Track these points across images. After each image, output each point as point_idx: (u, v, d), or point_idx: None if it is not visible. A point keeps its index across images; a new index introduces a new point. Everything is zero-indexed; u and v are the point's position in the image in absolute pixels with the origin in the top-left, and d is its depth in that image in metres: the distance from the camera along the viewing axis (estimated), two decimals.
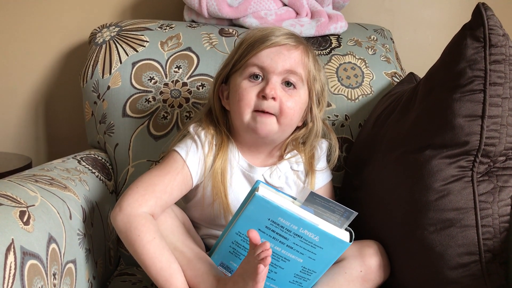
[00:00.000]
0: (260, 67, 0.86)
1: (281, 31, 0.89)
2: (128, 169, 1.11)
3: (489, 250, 0.74)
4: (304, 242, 0.74)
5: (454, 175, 0.77)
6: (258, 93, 0.86)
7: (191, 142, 0.89)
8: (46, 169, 0.90)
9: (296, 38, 0.90)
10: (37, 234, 0.66)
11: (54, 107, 1.44)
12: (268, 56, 0.86)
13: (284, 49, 0.87)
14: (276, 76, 0.86)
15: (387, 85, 1.18)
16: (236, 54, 0.89)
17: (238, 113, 0.87)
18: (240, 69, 0.88)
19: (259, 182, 0.76)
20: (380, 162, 0.90)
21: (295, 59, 0.87)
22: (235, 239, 0.77)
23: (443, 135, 0.78)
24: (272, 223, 0.74)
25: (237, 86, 0.87)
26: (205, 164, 0.88)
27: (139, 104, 1.13)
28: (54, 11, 1.41)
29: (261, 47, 0.86)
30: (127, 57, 1.16)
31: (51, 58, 1.42)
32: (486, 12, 0.77)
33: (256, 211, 0.73)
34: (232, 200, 0.89)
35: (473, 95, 0.76)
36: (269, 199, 0.72)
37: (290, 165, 0.93)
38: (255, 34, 0.89)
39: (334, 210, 0.74)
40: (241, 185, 0.91)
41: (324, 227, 0.74)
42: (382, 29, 1.30)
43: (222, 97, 0.93)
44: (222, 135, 0.91)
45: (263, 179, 0.91)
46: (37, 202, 0.71)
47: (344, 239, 0.74)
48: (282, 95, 0.86)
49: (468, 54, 0.77)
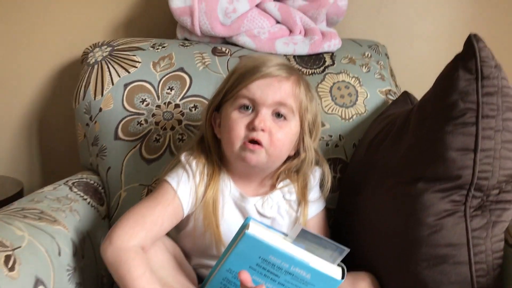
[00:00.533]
0: (250, 99, 0.85)
1: (273, 61, 0.88)
2: (121, 193, 1.10)
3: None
4: (295, 279, 0.73)
5: (446, 209, 0.76)
6: (248, 125, 0.85)
7: (182, 171, 0.88)
8: (36, 200, 0.89)
9: (287, 68, 0.89)
10: (23, 280, 0.65)
11: (47, 127, 1.43)
12: (259, 88, 0.85)
13: (275, 81, 0.86)
14: (266, 108, 0.85)
15: (382, 103, 1.17)
16: (228, 84, 0.88)
17: (228, 143, 0.87)
18: (231, 99, 0.87)
19: (250, 218, 0.75)
20: (373, 190, 0.89)
21: (286, 91, 0.86)
22: (226, 276, 0.76)
23: (435, 168, 0.77)
24: (263, 260, 0.73)
25: (228, 117, 0.87)
26: (197, 194, 0.87)
27: (131, 127, 1.12)
28: (46, 29, 1.39)
29: (251, 78, 0.85)
30: (119, 78, 1.15)
31: (43, 76, 1.41)
32: (478, 43, 0.76)
33: (246, 249, 0.73)
34: (224, 230, 0.88)
35: (466, 128, 0.75)
36: (259, 237, 0.72)
37: (283, 195, 0.92)
38: (247, 64, 0.88)
39: (326, 246, 0.73)
40: (233, 215, 0.90)
41: (316, 264, 0.73)
42: (377, 45, 1.29)
43: (215, 125, 0.92)
44: (213, 165, 0.90)
45: (255, 209, 0.90)
46: (24, 242, 0.71)
47: (336, 276, 0.73)
48: (271, 127, 0.85)
49: (460, 86, 0.76)
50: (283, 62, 0.90)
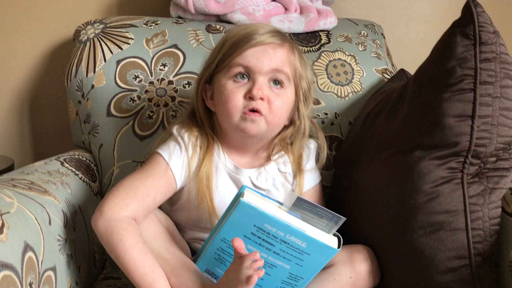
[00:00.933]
0: (245, 67, 0.83)
1: (265, 28, 0.87)
2: (113, 170, 1.09)
3: (479, 254, 0.73)
4: (291, 248, 0.72)
5: (443, 176, 0.75)
6: (245, 94, 0.83)
7: (174, 144, 0.87)
8: (26, 173, 0.87)
9: (281, 35, 0.87)
10: (11, 243, 0.63)
11: (38, 106, 1.41)
12: (254, 56, 0.83)
13: (269, 48, 0.84)
14: (262, 76, 0.84)
15: (378, 82, 1.16)
16: (220, 54, 0.86)
17: (225, 114, 0.85)
18: (224, 69, 0.85)
19: (245, 187, 0.73)
20: (369, 163, 0.88)
21: (281, 58, 0.85)
22: (220, 245, 0.75)
23: (432, 135, 0.76)
24: (258, 229, 0.72)
25: (223, 88, 0.85)
26: (189, 167, 0.86)
27: (124, 104, 1.11)
28: (37, 8, 1.37)
29: (245, 46, 0.83)
30: (112, 55, 1.13)
31: (35, 56, 1.39)
32: (476, 8, 0.75)
33: (241, 217, 0.71)
34: (218, 203, 0.87)
35: (463, 94, 0.74)
36: (254, 205, 0.70)
37: (278, 167, 0.91)
38: (239, 33, 0.86)
39: (321, 215, 0.72)
40: (228, 188, 0.88)
41: (312, 233, 0.72)
42: (373, 25, 1.28)
43: (206, 98, 0.90)
44: (207, 137, 0.89)
45: (249, 181, 0.89)
46: (13, 208, 0.69)
47: (332, 245, 0.72)
48: (269, 95, 0.84)
49: (458, 52, 0.75)
50: (275, 29, 0.89)
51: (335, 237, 0.74)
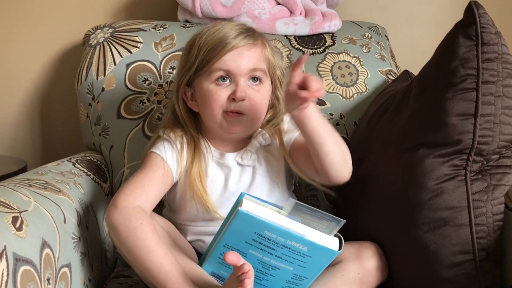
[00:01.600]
0: (225, 70, 0.88)
1: (235, 29, 0.90)
2: (124, 170, 1.11)
3: (483, 249, 0.74)
4: (292, 252, 0.73)
5: (447, 174, 0.77)
6: (229, 96, 0.88)
7: (164, 142, 0.92)
8: (40, 173, 0.90)
9: (252, 34, 0.91)
10: (30, 240, 0.66)
11: (49, 109, 1.44)
12: (232, 59, 0.87)
13: (244, 49, 0.88)
14: (243, 77, 0.88)
15: (382, 83, 1.18)
16: (198, 59, 0.89)
17: (210, 115, 0.90)
18: (205, 74, 0.89)
19: (243, 194, 0.74)
20: (374, 161, 0.90)
21: (257, 56, 0.89)
22: (223, 251, 0.76)
23: (436, 134, 0.78)
24: (258, 236, 0.73)
25: (206, 91, 0.89)
26: (181, 161, 0.90)
27: (133, 106, 1.13)
28: (48, 13, 1.40)
29: (223, 51, 0.87)
30: (121, 58, 1.16)
31: (46, 59, 1.42)
32: (478, 10, 0.77)
33: (241, 226, 0.72)
34: (211, 190, 0.91)
35: (466, 93, 0.76)
36: (253, 213, 0.71)
37: (259, 143, 0.95)
38: (212, 38, 0.89)
39: (321, 217, 0.73)
40: (217, 174, 0.93)
41: (312, 237, 0.72)
42: (377, 27, 1.30)
43: (187, 99, 0.94)
44: (192, 137, 0.93)
45: (235, 162, 0.93)
46: (30, 207, 0.71)
47: (333, 247, 0.73)
48: (250, 93, 0.89)
49: (461, 52, 0.77)
50: (244, 28, 0.91)
51: (336, 238, 0.75)
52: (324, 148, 0.84)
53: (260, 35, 0.94)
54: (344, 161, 0.86)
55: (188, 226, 0.93)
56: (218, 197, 0.91)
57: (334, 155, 0.84)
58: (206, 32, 0.90)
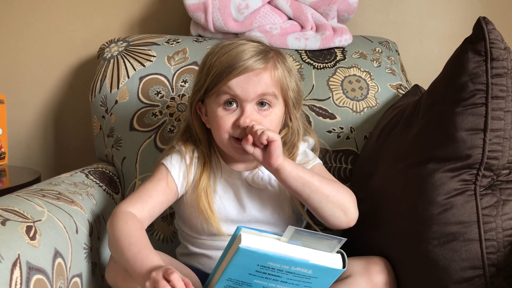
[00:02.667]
0: (232, 95, 0.86)
1: (247, 52, 0.86)
2: (135, 182, 1.13)
3: (493, 264, 0.74)
4: (297, 276, 0.73)
5: (457, 188, 0.77)
6: (234, 122, 0.87)
7: (174, 153, 0.93)
8: (54, 184, 0.91)
9: (263, 56, 0.87)
10: (43, 249, 0.67)
11: (63, 121, 1.46)
12: (238, 85, 0.85)
13: (253, 75, 0.85)
14: (249, 103, 0.86)
15: (393, 97, 1.18)
16: (207, 80, 0.88)
17: (218, 138, 0.90)
18: (213, 96, 0.88)
19: (240, 228, 0.73)
20: (383, 175, 0.90)
21: (266, 82, 0.86)
22: (227, 284, 0.76)
23: (445, 148, 0.78)
24: (262, 267, 0.72)
25: (214, 113, 0.89)
26: (188, 176, 0.91)
27: (146, 118, 1.15)
28: (63, 26, 1.43)
29: (229, 76, 0.85)
30: (135, 71, 1.18)
31: (60, 72, 1.45)
32: (487, 26, 0.78)
33: (243, 261, 0.71)
34: (218, 207, 0.91)
35: (475, 108, 0.76)
36: (254, 248, 0.70)
37: None
38: (221, 62, 0.86)
39: (322, 238, 0.72)
40: (226, 193, 0.93)
41: (316, 259, 0.72)
42: (387, 41, 1.31)
43: (201, 114, 0.94)
44: (203, 153, 0.93)
45: (245, 182, 0.93)
46: (44, 217, 0.73)
47: (337, 265, 0.73)
48: (256, 119, 0.87)
49: (470, 68, 0.77)
50: (257, 49, 0.88)
51: (338, 254, 0.74)
52: (310, 203, 0.85)
53: (273, 56, 0.89)
54: (340, 213, 0.86)
55: (195, 238, 0.94)
56: (225, 214, 0.91)
57: (324, 210, 0.85)
58: (218, 53, 0.89)
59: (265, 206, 0.92)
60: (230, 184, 0.93)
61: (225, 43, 0.90)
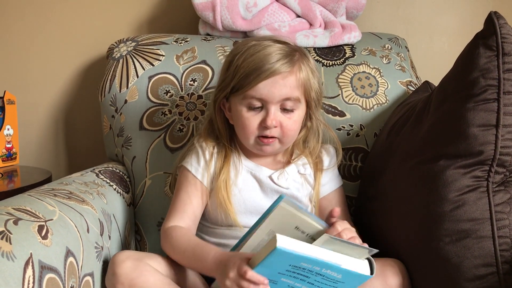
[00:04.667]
0: (258, 98, 0.88)
1: (273, 55, 0.87)
2: (145, 181, 1.13)
3: (506, 262, 0.73)
4: (325, 279, 0.73)
5: (469, 185, 0.76)
6: (260, 123, 0.89)
7: (193, 153, 0.96)
8: (65, 183, 0.92)
9: (289, 59, 0.88)
10: (55, 248, 0.67)
11: (73, 121, 1.47)
12: (265, 88, 0.87)
13: (279, 78, 0.87)
14: (274, 105, 0.89)
15: (403, 94, 1.18)
16: (233, 81, 0.89)
17: (242, 137, 0.93)
18: (239, 96, 0.90)
19: (283, 197, 0.73)
20: (394, 172, 0.89)
21: (291, 85, 0.89)
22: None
23: (457, 145, 0.77)
24: (293, 267, 0.72)
25: (239, 113, 0.91)
26: (208, 170, 0.93)
27: (155, 117, 1.15)
28: (72, 27, 1.44)
29: (257, 80, 0.87)
30: (144, 71, 1.18)
31: (70, 72, 1.46)
32: (498, 20, 0.77)
33: (277, 260, 0.71)
34: (237, 202, 0.93)
35: (487, 104, 0.76)
36: (291, 249, 0.69)
37: (297, 169, 0.97)
38: (248, 63, 0.88)
39: (353, 247, 0.73)
40: (248, 184, 0.94)
41: (347, 265, 0.72)
42: (397, 38, 1.30)
43: (225, 110, 0.96)
44: (224, 147, 0.96)
45: (270, 180, 0.94)
46: (55, 216, 0.73)
47: (365, 272, 0.74)
48: (282, 120, 0.90)
49: (481, 63, 0.77)
50: (283, 52, 0.89)
51: (365, 261, 0.75)
52: None
53: (298, 58, 0.91)
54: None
55: (212, 228, 0.95)
56: (244, 206, 0.93)
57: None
58: (245, 53, 0.89)
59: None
60: (253, 178, 0.95)
61: (251, 43, 0.91)
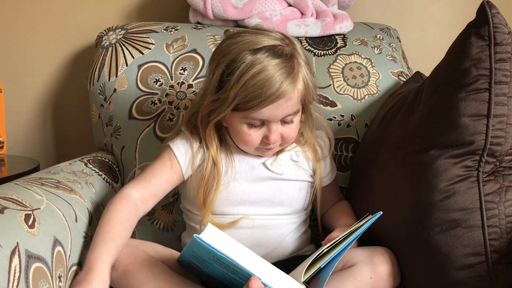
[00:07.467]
0: (260, 119, 0.88)
1: (277, 76, 0.83)
2: (135, 171, 1.12)
3: (495, 251, 0.74)
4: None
5: (459, 175, 0.77)
6: (262, 139, 0.90)
7: (180, 134, 0.96)
8: (53, 172, 0.90)
9: (292, 78, 0.85)
10: (42, 237, 0.66)
11: (61, 110, 1.45)
12: (268, 111, 0.85)
13: (283, 101, 0.85)
14: (276, 123, 0.89)
15: (394, 85, 1.18)
16: (234, 101, 0.85)
17: (242, 146, 0.93)
18: (239, 115, 0.87)
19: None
20: (385, 163, 0.89)
21: (293, 104, 0.87)
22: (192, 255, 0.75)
23: (448, 134, 0.77)
24: (216, 260, 0.71)
25: (239, 128, 0.89)
26: (194, 159, 0.93)
27: (145, 107, 1.14)
28: (60, 15, 1.42)
29: (260, 106, 0.84)
30: (133, 59, 1.17)
31: (58, 61, 1.44)
32: (490, 10, 0.76)
33: (197, 249, 0.71)
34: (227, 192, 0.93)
35: (478, 94, 0.75)
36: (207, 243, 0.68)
37: (290, 157, 0.98)
38: (253, 87, 0.83)
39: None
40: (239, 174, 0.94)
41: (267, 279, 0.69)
42: (389, 28, 1.29)
43: (223, 121, 0.93)
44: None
45: (264, 166, 0.95)
46: (43, 205, 0.72)
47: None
48: (283, 132, 0.90)
49: (473, 52, 0.76)
50: (284, 70, 0.84)
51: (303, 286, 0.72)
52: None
53: (297, 69, 0.87)
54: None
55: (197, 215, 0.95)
56: (235, 196, 0.93)
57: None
58: (246, 72, 0.83)
59: (280, 190, 0.95)
60: (244, 168, 0.95)
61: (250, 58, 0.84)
